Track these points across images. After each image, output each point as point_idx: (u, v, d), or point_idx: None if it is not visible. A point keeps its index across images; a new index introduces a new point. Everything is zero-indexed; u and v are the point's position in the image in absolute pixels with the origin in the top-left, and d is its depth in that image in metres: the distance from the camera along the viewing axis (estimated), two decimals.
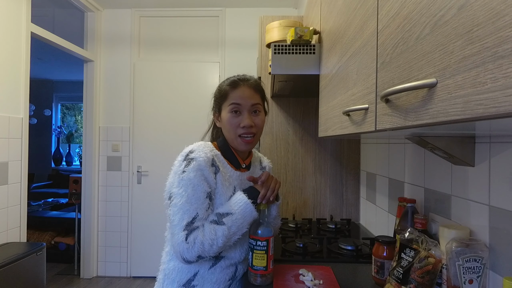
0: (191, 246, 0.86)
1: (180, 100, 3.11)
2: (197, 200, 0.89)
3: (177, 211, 0.89)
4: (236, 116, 0.98)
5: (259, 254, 0.94)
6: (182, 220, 0.88)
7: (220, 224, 0.89)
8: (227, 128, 1.00)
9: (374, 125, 0.65)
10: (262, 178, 1.01)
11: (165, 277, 0.98)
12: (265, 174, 1.02)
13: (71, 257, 3.43)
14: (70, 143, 6.16)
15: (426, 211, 1.07)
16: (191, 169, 0.90)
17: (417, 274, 0.76)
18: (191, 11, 3.15)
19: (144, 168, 3.12)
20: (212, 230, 0.88)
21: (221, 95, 1.02)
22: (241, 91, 0.98)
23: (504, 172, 0.72)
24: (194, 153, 0.93)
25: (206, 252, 0.88)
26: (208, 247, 0.87)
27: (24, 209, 2.30)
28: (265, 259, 0.94)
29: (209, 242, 0.87)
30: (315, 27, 1.40)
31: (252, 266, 0.96)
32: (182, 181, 0.90)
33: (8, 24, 2.16)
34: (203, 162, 0.92)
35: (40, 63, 4.93)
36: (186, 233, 0.87)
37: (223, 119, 1.01)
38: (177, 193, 0.90)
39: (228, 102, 0.99)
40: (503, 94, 0.30)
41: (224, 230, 0.89)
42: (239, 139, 0.98)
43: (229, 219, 0.90)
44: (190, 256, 0.87)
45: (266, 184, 1.00)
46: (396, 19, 0.56)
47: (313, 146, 1.89)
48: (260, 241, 0.94)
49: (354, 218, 1.85)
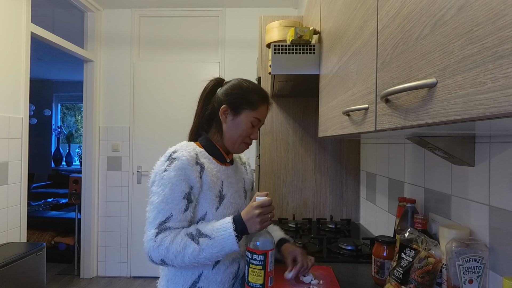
0: (156, 245, 0.86)
1: (180, 100, 3.11)
2: (172, 200, 0.89)
3: (152, 209, 0.90)
4: (251, 127, 1.02)
5: (255, 269, 0.85)
6: (155, 218, 0.88)
7: (194, 242, 0.86)
8: (237, 131, 1.01)
9: (374, 125, 0.65)
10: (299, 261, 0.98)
11: (168, 282, 0.97)
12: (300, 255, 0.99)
13: (71, 257, 3.43)
14: (70, 143, 6.16)
15: (426, 211, 1.07)
16: (172, 168, 0.91)
17: (417, 274, 0.76)
18: (191, 11, 3.15)
19: (144, 168, 3.12)
20: (182, 243, 0.86)
21: (248, 101, 1.01)
22: (266, 110, 1.05)
23: (504, 172, 0.72)
24: (177, 153, 0.94)
25: (170, 260, 0.86)
26: (172, 256, 0.86)
27: (24, 209, 2.30)
28: (262, 275, 0.84)
29: (174, 252, 0.85)
30: (315, 27, 1.40)
31: (247, 281, 0.87)
32: (162, 180, 0.91)
33: (8, 24, 2.16)
34: (186, 161, 0.92)
35: (40, 63, 4.93)
36: (157, 231, 0.87)
37: (237, 122, 1.01)
38: (155, 191, 0.91)
39: (253, 114, 1.01)
40: (503, 94, 0.30)
41: (194, 249, 0.86)
42: (242, 144, 1.03)
43: (206, 242, 0.86)
44: (154, 256, 0.86)
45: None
46: (396, 19, 0.56)
47: (313, 146, 1.89)
48: (256, 255, 0.85)
49: (354, 218, 1.85)
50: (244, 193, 1.11)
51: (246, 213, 0.90)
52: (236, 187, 1.06)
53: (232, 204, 1.01)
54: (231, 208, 1.00)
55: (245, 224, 0.89)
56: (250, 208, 0.90)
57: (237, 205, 1.04)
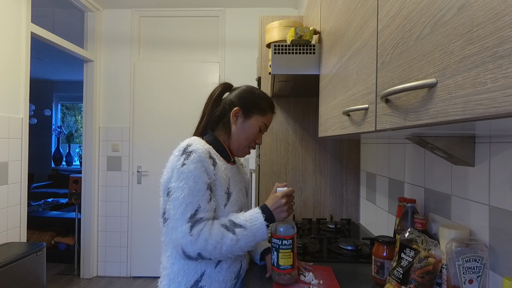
0: (195, 239, 0.86)
1: (180, 100, 3.11)
2: (198, 192, 0.89)
3: (179, 204, 0.88)
4: (258, 132, 1.08)
5: (285, 253, 0.93)
6: (185, 213, 0.87)
7: (230, 232, 0.89)
8: (245, 134, 1.05)
9: (374, 125, 0.65)
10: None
11: (170, 282, 0.97)
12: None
13: (71, 257, 3.43)
14: (70, 143, 6.16)
15: (426, 211, 1.07)
16: (191, 161, 0.91)
17: (417, 274, 0.76)
18: (191, 11, 3.15)
19: (144, 168, 3.12)
20: (220, 233, 0.88)
21: (259, 107, 1.07)
22: (271, 118, 1.11)
23: (504, 172, 0.72)
24: (192, 146, 0.94)
25: (208, 253, 0.87)
26: (211, 248, 0.87)
27: (24, 209, 2.30)
28: (291, 257, 0.93)
29: (213, 243, 0.86)
30: (315, 27, 1.40)
31: (278, 266, 0.94)
32: (182, 174, 0.90)
33: (8, 24, 2.16)
34: (202, 154, 0.93)
35: (40, 63, 4.93)
36: (191, 225, 0.86)
37: (246, 126, 1.06)
38: (177, 187, 0.90)
39: (262, 120, 1.07)
40: (503, 94, 0.30)
41: (232, 239, 0.88)
42: (246, 148, 1.08)
43: (242, 232, 0.90)
44: (191, 250, 0.86)
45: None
46: (396, 19, 0.56)
47: (313, 146, 1.89)
48: (286, 240, 0.93)
49: (354, 218, 1.85)
50: (246, 192, 1.13)
51: (272, 203, 0.95)
52: (240, 185, 1.07)
53: (237, 202, 1.01)
54: (236, 206, 1.00)
55: (272, 213, 0.94)
56: (276, 198, 0.96)
57: (241, 203, 1.04)
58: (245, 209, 1.06)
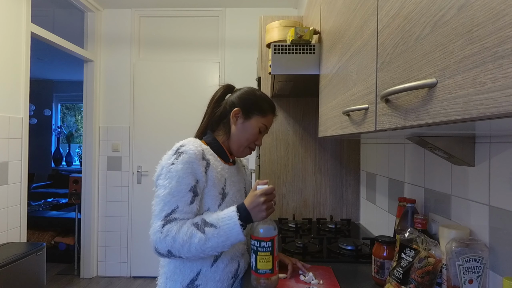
0: (163, 236, 0.86)
1: (180, 100, 3.11)
2: (179, 193, 0.90)
3: (159, 201, 0.90)
4: (258, 133, 1.07)
5: (264, 256, 0.87)
6: (162, 211, 0.89)
7: (200, 231, 0.87)
8: (246, 136, 1.05)
9: (374, 125, 0.65)
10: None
11: (167, 280, 0.98)
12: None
13: (71, 257, 3.43)
14: (70, 143, 6.16)
15: (426, 211, 1.07)
16: (180, 161, 0.92)
17: (417, 274, 0.76)
18: (191, 11, 3.15)
19: (144, 168, 3.12)
20: (188, 232, 0.87)
21: (260, 108, 1.07)
22: (272, 120, 1.11)
23: (504, 172, 0.72)
24: (185, 147, 0.95)
25: (176, 250, 0.86)
26: (178, 246, 0.86)
27: (24, 209, 2.30)
28: (271, 260, 0.88)
29: (180, 242, 0.86)
30: (315, 27, 1.40)
31: (256, 270, 0.89)
32: (169, 173, 0.91)
33: (8, 24, 2.16)
34: (193, 155, 0.93)
35: (40, 63, 4.93)
36: (163, 223, 0.87)
37: (247, 126, 1.06)
38: (161, 184, 0.92)
39: (263, 121, 1.07)
40: (503, 94, 0.30)
41: (200, 238, 0.86)
42: (247, 148, 1.08)
43: (212, 231, 0.87)
44: (161, 248, 0.87)
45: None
46: (396, 19, 0.56)
47: (313, 146, 1.89)
48: (264, 242, 0.88)
49: (354, 218, 1.85)
50: (245, 193, 1.13)
51: (250, 202, 0.90)
52: (238, 186, 1.07)
53: (234, 203, 1.01)
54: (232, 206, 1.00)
55: (250, 212, 0.89)
56: (254, 197, 0.90)
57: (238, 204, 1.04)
58: None
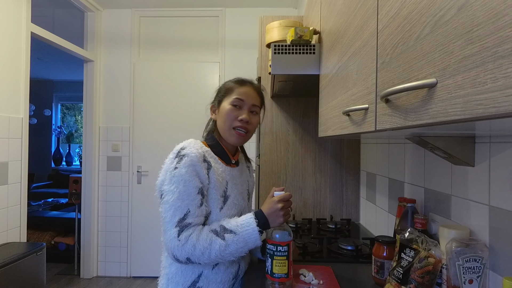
0: (182, 244, 0.86)
1: (180, 100, 3.11)
2: (188, 196, 0.89)
3: (168, 208, 0.89)
4: (236, 109, 1.01)
5: (280, 260, 0.89)
6: (174, 216, 0.88)
7: (220, 237, 0.88)
8: (223, 119, 1.01)
9: (374, 125, 0.65)
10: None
11: (169, 281, 0.97)
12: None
13: (71, 257, 3.42)
14: (70, 143, 6.16)
15: (426, 211, 1.07)
16: (183, 165, 0.91)
17: (417, 274, 0.76)
18: (191, 11, 3.15)
19: (144, 168, 3.12)
20: (208, 239, 0.87)
21: (226, 90, 1.05)
22: (246, 89, 1.03)
23: (504, 172, 0.72)
24: (186, 150, 0.94)
25: (196, 258, 0.87)
26: (198, 253, 0.86)
27: (24, 209, 2.30)
28: (286, 265, 0.89)
29: (201, 249, 0.86)
30: (315, 27, 1.40)
31: (271, 274, 0.90)
32: (174, 178, 0.90)
33: (8, 24, 2.16)
34: (195, 158, 0.92)
35: (40, 63, 4.93)
36: (178, 229, 0.87)
37: (221, 110, 1.03)
38: (168, 190, 0.90)
39: (232, 96, 1.02)
40: (503, 94, 0.30)
41: (221, 245, 0.87)
42: (232, 131, 1.01)
43: (231, 237, 0.88)
44: (180, 255, 0.86)
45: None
46: (396, 19, 0.56)
47: (313, 146, 1.89)
48: (281, 246, 0.89)
49: (354, 218, 1.85)
50: (247, 195, 1.12)
51: (268, 208, 0.92)
52: (241, 188, 1.06)
53: (236, 205, 1.01)
54: (234, 209, 1.00)
55: (268, 218, 0.91)
56: (272, 203, 0.92)
57: (240, 207, 1.04)
58: (245, 213, 1.05)
